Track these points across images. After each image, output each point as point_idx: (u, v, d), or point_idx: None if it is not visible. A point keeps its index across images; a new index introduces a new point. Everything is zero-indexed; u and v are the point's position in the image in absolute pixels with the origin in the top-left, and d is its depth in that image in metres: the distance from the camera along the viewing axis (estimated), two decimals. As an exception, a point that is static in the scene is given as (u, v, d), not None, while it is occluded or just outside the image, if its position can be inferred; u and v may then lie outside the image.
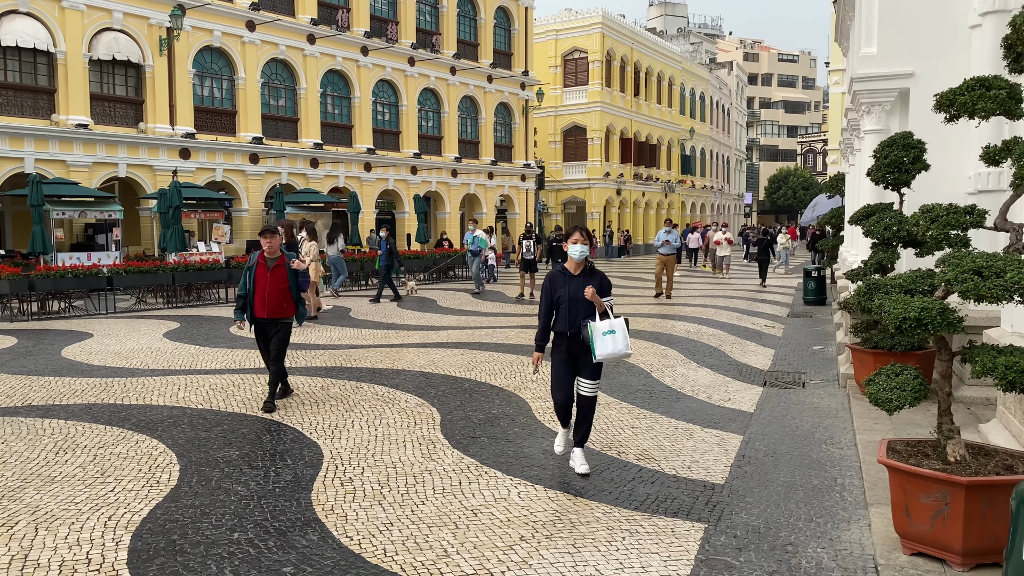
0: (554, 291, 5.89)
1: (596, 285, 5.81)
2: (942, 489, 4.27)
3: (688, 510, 5.21)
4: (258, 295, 7.88)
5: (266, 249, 7.96)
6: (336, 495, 5.36)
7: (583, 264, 5.94)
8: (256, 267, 7.96)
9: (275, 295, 7.88)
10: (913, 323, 4.20)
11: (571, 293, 5.80)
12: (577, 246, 5.86)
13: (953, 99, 4.56)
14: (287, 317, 8.04)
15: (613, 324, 5.70)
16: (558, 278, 5.92)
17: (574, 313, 5.79)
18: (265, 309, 7.86)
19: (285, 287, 7.95)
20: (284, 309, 7.97)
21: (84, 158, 23.09)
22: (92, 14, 23.24)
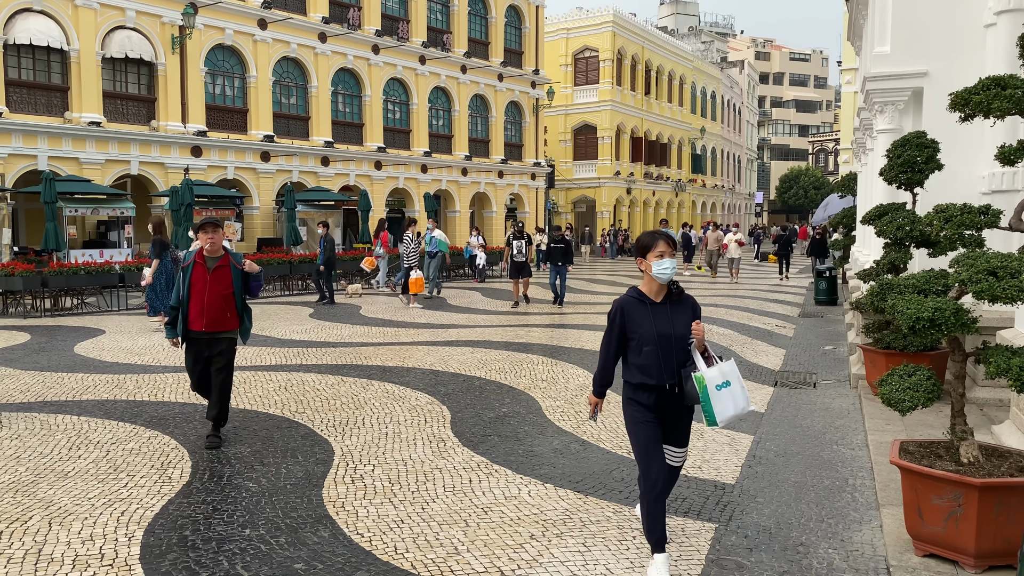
0: (631, 326, 4.24)
1: (690, 315, 4.29)
2: (955, 490, 4.25)
3: (699, 510, 5.20)
4: (194, 303, 6.45)
5: (207, 247, 6.54)
6: (347, 492, 5.38)
7: (666, 287, 4.28)
8: (192, 268, 6.51)
9: (216, 303, 6.46)
10: (927, 323, 4.18)
11: (660, 329, 4.17)
12: (665, 262, 4.17)
13: (968, 98, 4.53)
14: (230, 331, 6.62)
15: (725, 372, 4.19)
16: (634, 308, 4.25)
17: (668, 357, 4.17)
18: (203, 320, 6.42)
19: (229, 293, 6.54)
20: (227, 321, 6.55)
21: (97, 155, 23.22)
22: (105, 12, 23.36)
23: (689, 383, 4.15)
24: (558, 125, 46.40)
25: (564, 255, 17.62)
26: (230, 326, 6.59)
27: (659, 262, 4.18)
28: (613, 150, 45.90)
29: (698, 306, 4.39)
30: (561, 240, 17.93)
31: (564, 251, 17.65)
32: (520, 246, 17.70)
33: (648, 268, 4.22)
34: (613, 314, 4.31)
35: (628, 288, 4.11)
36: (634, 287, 4.27)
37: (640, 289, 4.31)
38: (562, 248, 17.70)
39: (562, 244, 17.76)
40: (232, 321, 6.60)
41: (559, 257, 17.60)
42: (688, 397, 4.21)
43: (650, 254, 4.21)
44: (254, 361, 10.54)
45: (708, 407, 4.13)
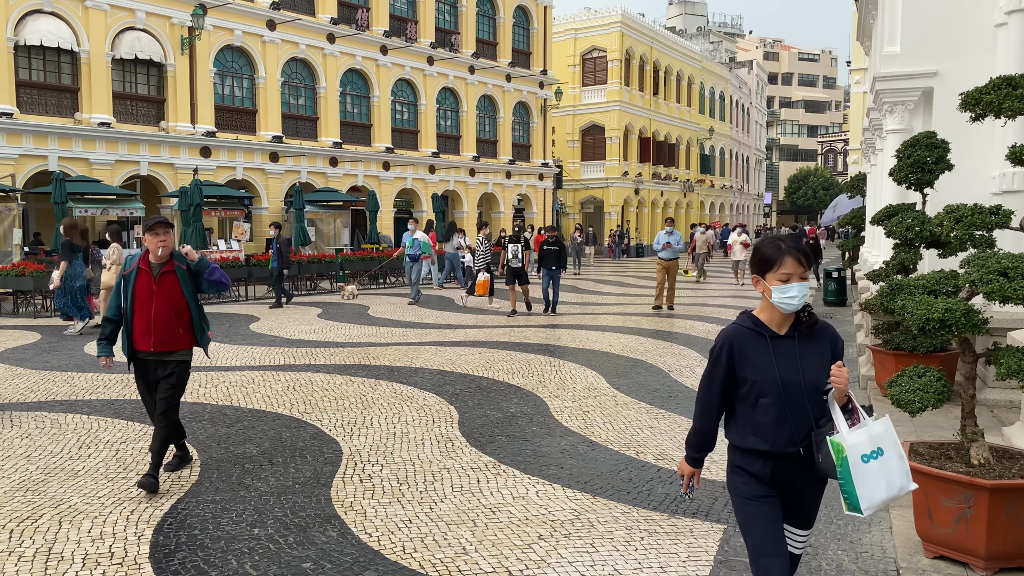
0: (743, 368, 3.01)
1: (827, 353, 3.02)
2: (965, 492, 4.23)
3: (707, 511, 5.19)
4: (139, 319, 5.44)
5: (158, 252, 5.48)
6: (355, 492, 5.39)
7: (794, 315, 3.01)
8: (136, 277, 5.47)
9: (165, 318, 5.45)
10: (937, 324, 4.16)
11: (784, 373, 2.94)
12: (791, 289, 2.92)
13: (979, 98, 4.50)
14: (182, 351, 5.59)
15: (877, 436, 2.90)
16: (748, 342, 3.01)
17: (796, 411, 2.94)
18: (150, 339, 5.42)
19: (182, 306, 5.55)
20: (178, 339, 5.53)
21: (106, 156, 23.34)
22: (115, 14, 23.47)
23: (824, 450, 2.90)
24: (566, 125, 46.38)
25: (557, 258, 16.04)
26: (181, 344, 5.57)
27: (784, 288, 2.91)
28: (621, 150, 45.85)
29: (839, 340, 3.07)
30: (555, 242, 16.22)
31: (557, 254, 16.04)
32: (516, 250, 16.29)
33: (767, 292, 2.98)
34: (717, 350, 3.05)
35: (739, 314, 3.09)
36: (746, 312, 3.11)
37: (756, 316, 3.05)
38: (555, 251, 16.04)
39: (555, 246, 16.09)
40: (184, 339, 5.58)
41: (552, 260, 15.98)
42: (821, 469, 2.94)
43: (772, 274, 2.96)
44: (263, 361, 10.57)
45: (849, 486, 2.88)
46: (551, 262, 16.01)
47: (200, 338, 5.72)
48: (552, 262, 16.01)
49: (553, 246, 16.08)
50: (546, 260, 16.07)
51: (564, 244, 17.06)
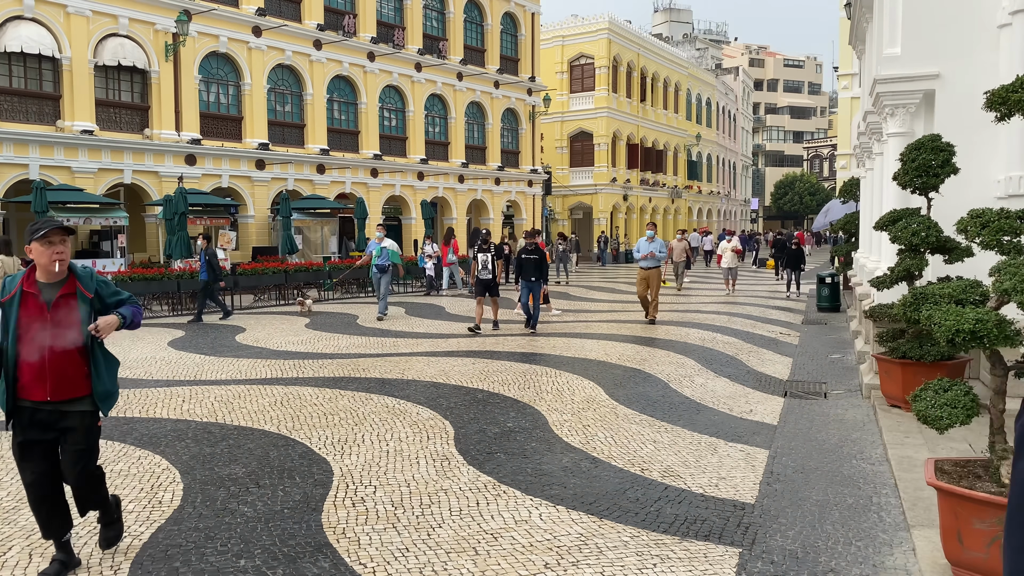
0: None
1: None
2: (999, 514, 3.98)
3: (720, 533, 4.93)
4: (26, 357, 4.07)
5: (55, 268, 4.11)
6: (347, 517, 5.09)
7: None
8: (20, 303, 4.09)
9: (64, 356, 4.11)
10: (967, 336, 3.92)
11: None
12: None
13: (1006, 97, 4.28)
14: (82, 398, 4.20)
15: None
16: None
17: None
18: (45, 385, 4.07)
19: (81, 343, 4.16)
20: (80, 383, 4.18)
21: (89, 164, 22.91)
22: (98, 20, 23.08)
23: None
24: (554, 132, 46.22)
25: (537, 269, 14.23)
26: (85, 390, 4.18)
27: None
28: (609, 157, 45.73)
29: None
30: (534, 250, 14.36)
31: (537, 264, 14.21)
32: (486, 260, 14.60)
33: None
34: None
35: None
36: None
37: None
38: (534, 260, 14.21)
39: (535, 255, 14.26)
40: (88, 383, 4.19)
41: (531, 271, 14.16)
42: None
43: None
44: (249, 374, 10.23)
45: None
46: (530, 273, 14.20)
47: (97, 388, 4.20)
48: (532, 273, 14.19)
49: (532, 255, 14.24)
50: (525, 271, 14.26)
51: (544, 253, 15.01)
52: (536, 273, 14.25)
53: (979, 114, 8.89)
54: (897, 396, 8.14)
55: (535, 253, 14.31)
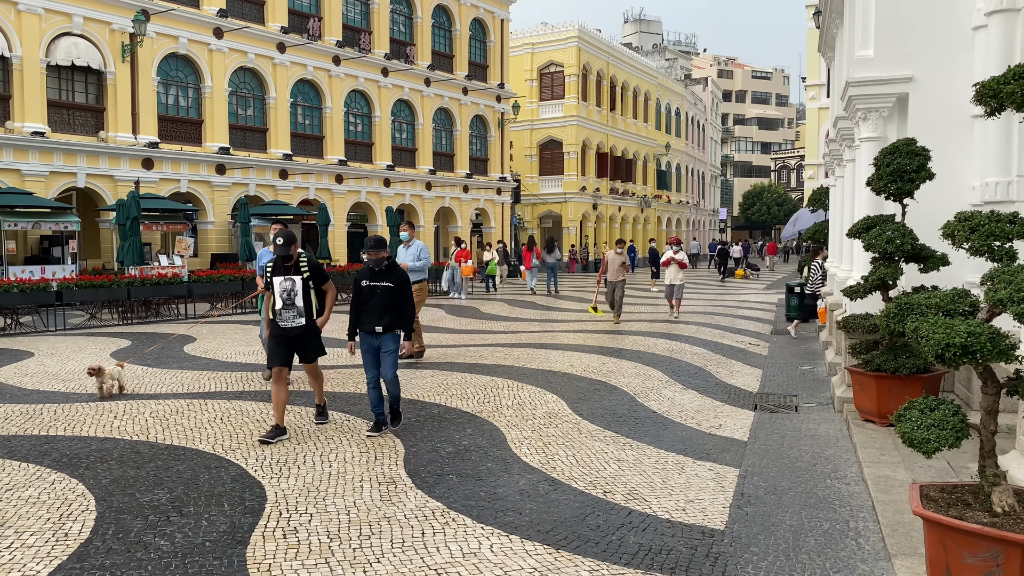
0: None
1: None
2: (993, 548, 3.60)
3: (687, 564, 4.50)
4: None
5: None
6: (276, 550, 4.57)
7: None
8: None
9: None
10: (959, 351, 3.54)
11: None
12: None
13: (997, 89, 3.93)
14: None
15: None
16: None
17: None
18: None
19: None
20: None
21: (40, 167, 22.07)
22: (50, 18, 22.29)
23: None
24: (524, 140, 45.90)
25: (392, 308, 7.33)
26: None
27: None
28: (579, 165, 45.49)
29: None
30: (387, 269, 7.38)
31: (393, 299, 7.32)
32: (289, 290, 6.84)
33: None
34: None
35: None
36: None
37: None
38: (387, 292, 7.30)
39: (387, 281, 7.32)
40: None
41: (376, 313, 7.25)
42: None
43: None
44: (192, 387, 9.64)
45: None
46: (374, 316, 7.31)
47: None
48: (376, 316, 7.30)
49: (381, 281, 7.33)
50: (366, 313, 7.37)
51: (406, 282, 7.50)
52: (386, 316, 7.24)
53: (954, 118, 8.65)
54: (871, 410, 7.81)
55: (388, 278, 7.32)
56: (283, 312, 7.15)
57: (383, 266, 7.34)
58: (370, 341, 7.26)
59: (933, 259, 7.68)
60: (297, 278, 7.15)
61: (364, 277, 7.37)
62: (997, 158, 7.70)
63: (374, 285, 7.30)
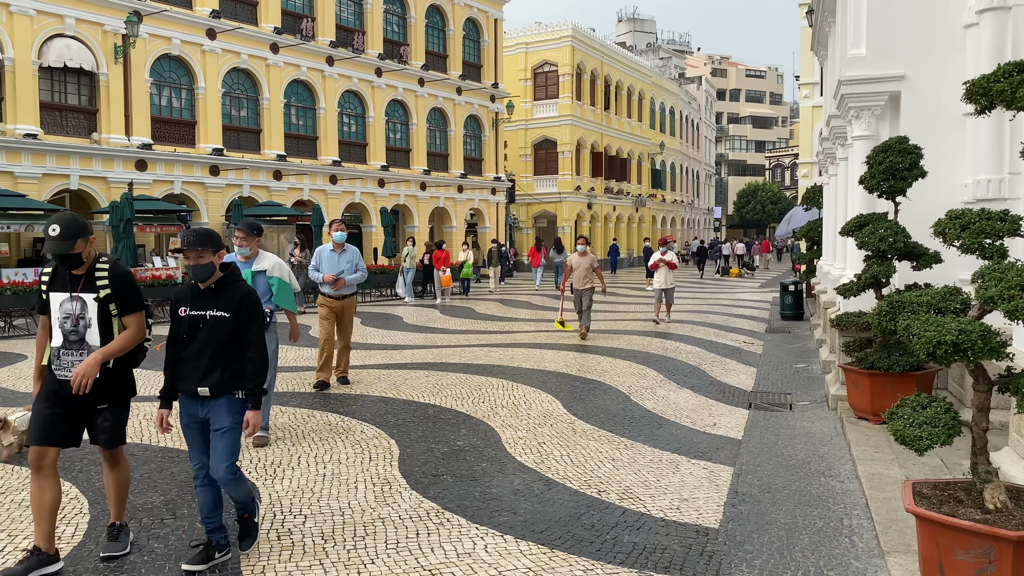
0: None
1: None
2: (985, 544, 3.62)
3: (682, 563, 4.50)
4: None
5: None
6: (271, 552, 4.57)
7: None
8: None
9: None
10: (950, 348, 3.55)
11: None
12: None
13: (987, 87, 3.94)
14: None
15: None
16: None
17: None
18: None
19: None
20: None
21: (33, 169, 21.99)
22: (42, 20, 22.21)
23: None
24: (518, 139, 45.89)
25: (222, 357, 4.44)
26: None
27: None
28: (573, 165, 45.51)
29: None
30: (215, 288, 4.48)
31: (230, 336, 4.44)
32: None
33: None
34: None
35: None
36: None
37: None
38: (222, 324, 4.42)
39: (224, 312, 4.44)
40: None
41: (200, 367, 4.41)
42: None
43: None
44: (187, 389, 9.61)
45: None
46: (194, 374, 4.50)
47: None
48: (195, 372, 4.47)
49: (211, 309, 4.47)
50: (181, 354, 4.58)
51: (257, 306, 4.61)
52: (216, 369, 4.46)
53: (946, 117, 8.69)
54: (865, 408, 7.83)
55: (221, 302, 4.51)
56: (64, 353, 4.38)
57: (213, 283, 4.42)
58: (193, 411, 4.45)
59: (926, 257, 7.71)
60: (89, 297, 4.38)
61: (183, 302, 4.46)
62: (988, 156, 7.74)
63: (197, 316, 4.40)
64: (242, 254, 6.94)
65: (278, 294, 6.96)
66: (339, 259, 9.46)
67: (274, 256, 7.18)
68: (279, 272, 7.05)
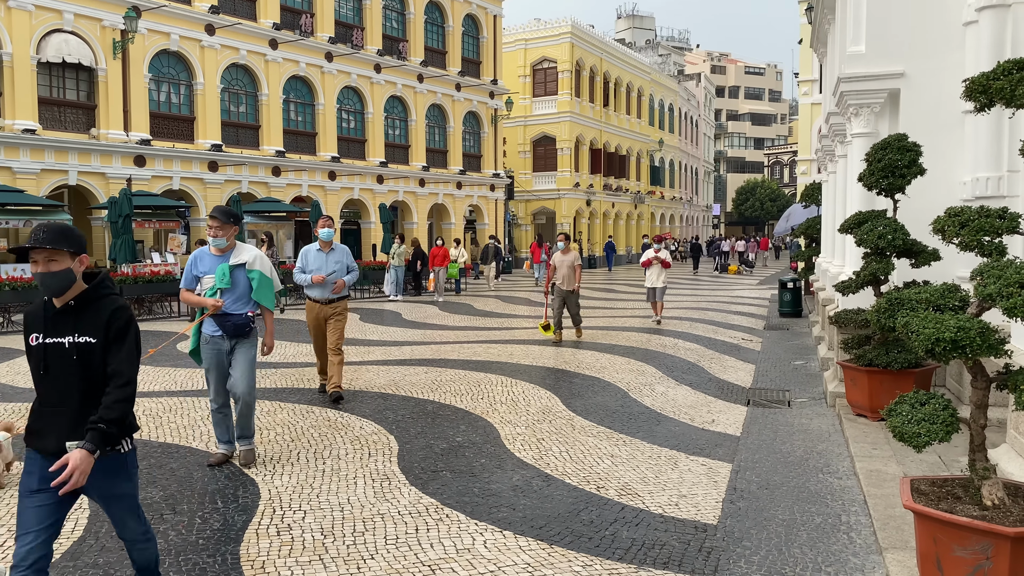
0: None
1: None
2: (983, 541, 3.63)
3: (680, 559, 4.52)
4: None
5: None
6: (270, 547, 4.58)
7: None
8: None
9: None
10: (948, 345, 3.56)
11: None
12: None
13: (987, 85, 3.95)
14: None
15: None
16: None
17: None
18: None
19: None
20: None
21: (31, 165, 21.96)
22: (41, 15, 22.16)
23: None
24: (517, 136, 45.86)
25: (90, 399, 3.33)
26: None
27: None
28: (572, 161, 45.49)
29: None
30: (74, 305, 3.36)
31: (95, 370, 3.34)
32: None
33: None
34: None
35: None
36: None
37: None
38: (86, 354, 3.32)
39: (90, 338, 3.34)
40: None
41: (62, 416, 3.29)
42: None
43: None
44: (185, 385, 9.63)
45: None
46: None
47: None
48: None
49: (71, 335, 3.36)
50: None
51: None
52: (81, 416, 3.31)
53: (945, 114, 8.70)
54: (863, 405, 7.85)
55: (85, 325, 3.36)
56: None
57: (73, 299, 3.35)
58: (47, 473, 3.21)
59: (924, 254, 7.72)
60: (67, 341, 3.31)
61: (34, 326, 3.37)
62: (987, 154, 7.74)
63: (54, 345, 3.33)
64: (217, 245, 6.15)
65: (258, 289, 6.18)
66: (327, 258, 8.47)
67: (254, 247, 6.33)
68: (260, 265, 6.21)
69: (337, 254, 8.56)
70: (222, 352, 6.11)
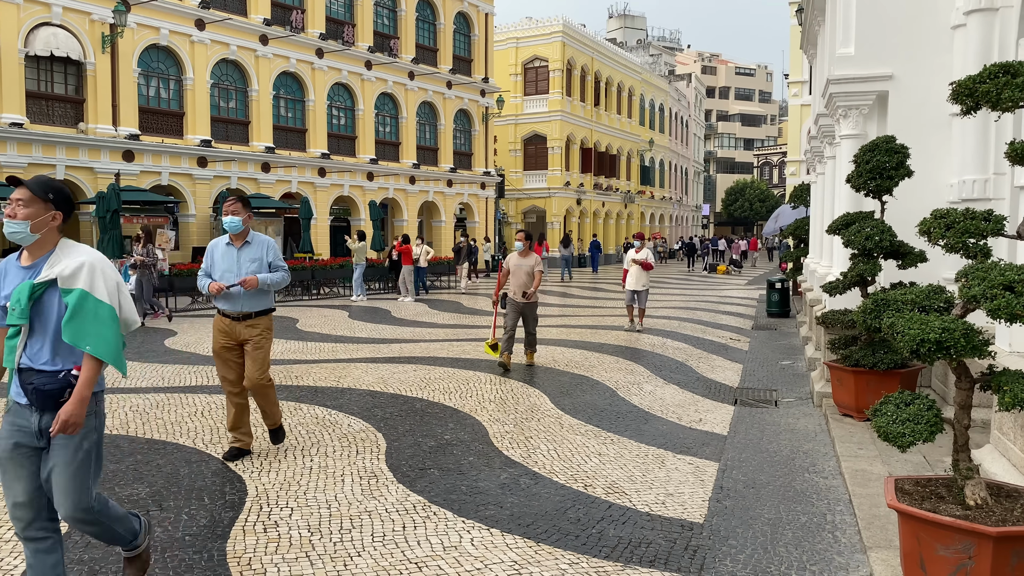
0: None
1: None
2: (965, 540, 3.66)
3: (666, 557, 4.54)
4: None
5: None
6: (256, 544, 4.57)
7: None
8: None
9: None
10: (933, 346, 3.59)
11: None
12: None
13: (973, 88, 3.98)
14: None
15: None
16: None
17: None
18: None
19: None
20: None
21: (18, 159, 21.79)
22: (29, 8, 21.99)
23: None
24: (508, 135, 45.86)
25: None
26: None
27: None
28: (563, 160, 45.53)
29: None
30: None
31: None
32: None
33: None
34: None
35: None
36: None
37: None
38: None
39: None
40: None
41: None
42: None
43: None
44: (172, 381, 9.59)
45: None
46: None
47: None
48: None
49: None
50: None
51: None
52: None
53: (932, 117, 8.76)
54: (849, 405, 7.90)
55: None
56: None
57: None
58: None
59: (911, 256, 7.78)
60: None
61: None
62: (974, 156, 7.81)
63: None
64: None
65: (72, 321, 3.39)
66: (238, 256, 6.19)
67: (90, 249, 3.63)
68: (87, 279, 3.45)
69: (253, 250, 6.24)
70: (28, 432, 3.42)
